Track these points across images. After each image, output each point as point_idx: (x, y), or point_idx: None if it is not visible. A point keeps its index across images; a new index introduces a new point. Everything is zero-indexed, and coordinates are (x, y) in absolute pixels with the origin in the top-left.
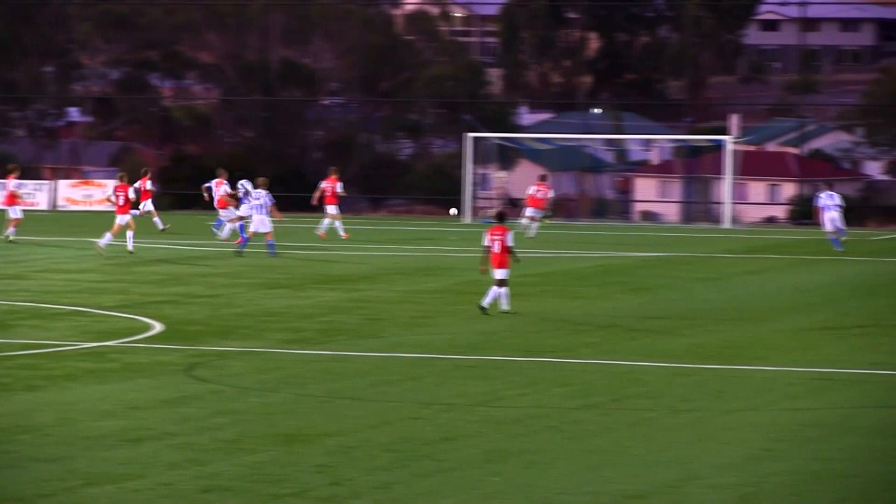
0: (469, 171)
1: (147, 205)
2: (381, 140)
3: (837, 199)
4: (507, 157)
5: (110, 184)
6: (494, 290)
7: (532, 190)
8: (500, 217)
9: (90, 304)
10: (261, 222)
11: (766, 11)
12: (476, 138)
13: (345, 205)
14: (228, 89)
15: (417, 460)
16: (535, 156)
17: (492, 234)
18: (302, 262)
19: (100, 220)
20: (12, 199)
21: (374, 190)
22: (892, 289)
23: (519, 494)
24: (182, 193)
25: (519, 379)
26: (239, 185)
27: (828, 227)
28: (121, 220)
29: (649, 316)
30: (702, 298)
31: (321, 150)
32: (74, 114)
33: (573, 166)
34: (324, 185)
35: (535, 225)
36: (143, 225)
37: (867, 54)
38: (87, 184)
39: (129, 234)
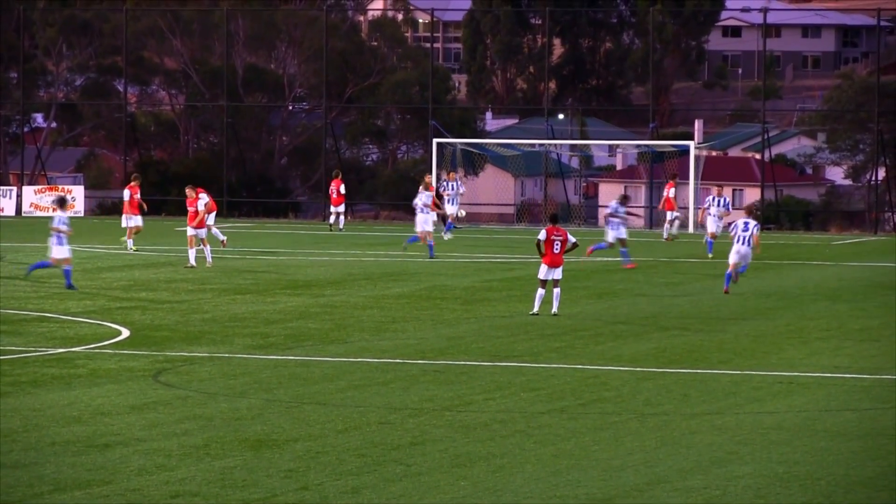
0: (435, 176)
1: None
2: (346, 146)
3: (723, 207)
4: (472, 162)
5: (76, 189)
6: (541, 292)
7: (667, 192)
8: (554, 218)
9: (57, 310)
10: (423, 222)
11: (728, 18)
12: (441, 144)
13: (312, 210)
14: (193, 95)
15: (386, 465)
16: (501, 161)
17: (551, 234)
18: (268, 267)
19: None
20: (134, 207)
21: None
22: (854, 293)
23: (487, 499)
24: (147, 199)
25: (486, 384)
26: (443, 184)
27: (710, 229)
28: (335, 208)
29: (614, 320)
30: (666, 303)
31: (286, 155)
32: (39, 120)
33: (538, 172)
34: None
35: (677, 224)
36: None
37: (828, 60)
38: (52, 190)
39: (207, 248)
